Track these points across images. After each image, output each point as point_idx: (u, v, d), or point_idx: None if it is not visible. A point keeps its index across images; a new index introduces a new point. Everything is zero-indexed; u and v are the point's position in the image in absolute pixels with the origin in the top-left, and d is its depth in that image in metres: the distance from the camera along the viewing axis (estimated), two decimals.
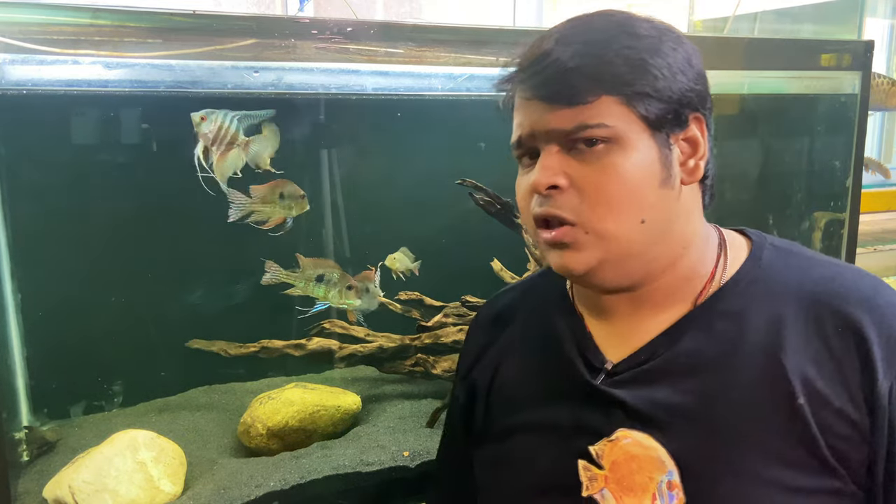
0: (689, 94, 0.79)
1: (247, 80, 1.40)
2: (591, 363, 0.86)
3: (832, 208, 1.88)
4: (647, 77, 0.76)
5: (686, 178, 0.81)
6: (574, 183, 0.78)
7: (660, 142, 0.78)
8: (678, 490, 0.77)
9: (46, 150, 1.44)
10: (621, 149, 0.77)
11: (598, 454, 0.82)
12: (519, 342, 0.96)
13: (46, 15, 1.14)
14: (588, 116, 0.76)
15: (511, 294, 1.05)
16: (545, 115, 0.78)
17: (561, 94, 0.77)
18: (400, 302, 1.64)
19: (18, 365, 1.47)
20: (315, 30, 1.28)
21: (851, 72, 1.76)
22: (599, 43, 0.77)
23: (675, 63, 0.78)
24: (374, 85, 1.53)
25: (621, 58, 0.76)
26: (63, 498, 1.15)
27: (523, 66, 0.81)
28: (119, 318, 1.53)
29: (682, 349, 0.81)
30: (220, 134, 1.26)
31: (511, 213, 1.57)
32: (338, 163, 1.66)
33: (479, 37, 1.44)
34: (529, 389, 0.91)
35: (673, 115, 0.79)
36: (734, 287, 0.83)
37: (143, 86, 1.38)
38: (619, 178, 0.77)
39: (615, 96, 0.76)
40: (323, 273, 1.37)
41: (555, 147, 0.79)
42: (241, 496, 1.22)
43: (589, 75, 0.76)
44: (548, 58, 0.78)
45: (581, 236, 0.79)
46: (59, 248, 1.48)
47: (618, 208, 0.77)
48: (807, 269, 0.83)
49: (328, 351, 1.58)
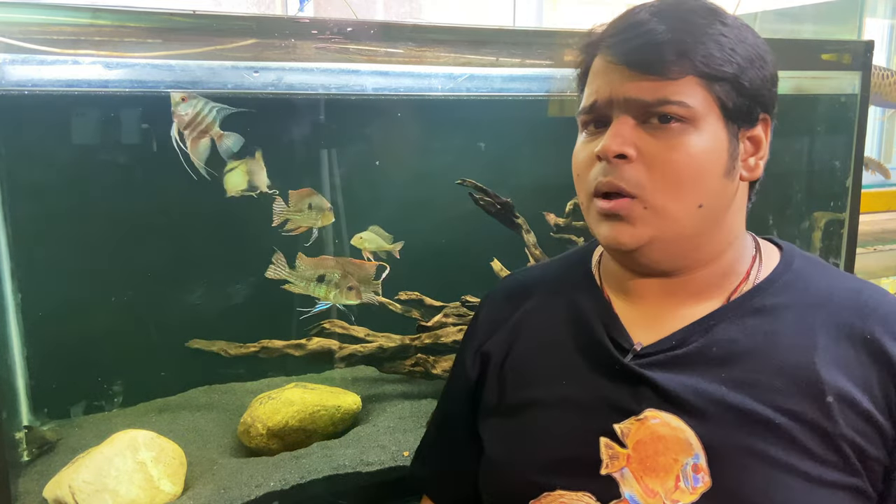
0: (765, 92, 0.81)
1: (247, 80, 1.40)
2: (619, 343, 0.86)
3: (832, 208, 1.88)
4: (733, 66, 0.78)
5: (746, 174, 0.84)
6: (642, 156, 0.79)
7: (730, 132, 0.80)
8: (704, 473, 0.77)
9: (46, 150, 1.44)
10: (695, 130, 0.78)
11: (623, 432, 0.82)
12: (538, 318, 0.96)
13: (46, 15, 1.14)
14: (671, 92, 0.77)
15: (529, 273, 1.06)
16: (627, 83, 0.79)
17: (649, 63, 0.77)
18: (400, 302, 1.64)
19: (18, 365, 1.47)
20: (315, 30, 1.28)
21: (851, 72, 1.76)
22: (695, 24, 0.78)
23: (757, 59, 0.80)
24: (374, 85, 1.53)
25: (714, 42, 0.77)
26: (63, 498, 1.15)
27: (612, 33, 0.81)
28: (119, 318, 1.53)
29: (715, 338, 0.83)
30: (196, 119, 1.26)
31: (511, 213, 1.57)
32: (337, 163, 1.66)
33: (479, 37, 1.45)
34: (550, 364, 0.91)
35: (746, 110, 0.80)
36: (768, 286, 0.85)
37: (143, 86, 1.38)
38: (688, 159, 0.78)
39: (700, 78, 0.77)
40: (324, 273, 1.37)
41: (629, 118, 0.79)
42: (241, 496, 1.22)
43: (680, 51, 0.76)
44: (642, 26, 0.78)
45: (639, 211, 0.79)
46: (59, 247, 1.48)
47: (681, 188, 0.78)
48: (835, 280, 0.87)
49: (328, 351, 1.58)
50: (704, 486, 0.77)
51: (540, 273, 1.03)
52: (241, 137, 1.32)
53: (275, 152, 1.45)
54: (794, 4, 2.66)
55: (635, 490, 0.80)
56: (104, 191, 1.50)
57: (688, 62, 0.76)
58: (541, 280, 1.01)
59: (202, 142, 1.27)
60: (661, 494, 0.79)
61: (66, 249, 1.48)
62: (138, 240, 1.52)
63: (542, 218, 1.72)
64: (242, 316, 1.62)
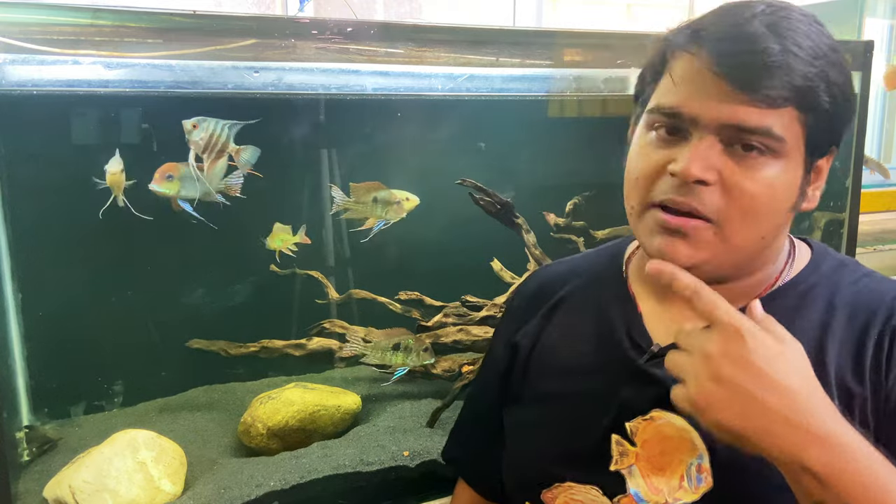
0: (843, 129, 0.78)
1: (247, 80, 1.40)
2: (638, 343, 0.87)
3: (832, 208, 1.88)
4: (831, 105, 0.74)
5: (806, 204, 0.81)
6: (722, 181, 0.74)
7: (806, 167, 0.77)
8: (706, 474, 0.78)
9: (46, 150, 1.44)
10: (779, 165, 0.75)
11: (632, 431, 0.83)
12: (566, 312, 0.97)
13: (46, 15, 1.14)
14: (772, 123, 0.72)
15: (561, 267, 1.05)
16: (726, 101, 0.72)
17: (757, 87, 0.71)
18: (400, 302, 1.64)
19: (18, 365, 1.47)
20: (315, 30, 1.28)
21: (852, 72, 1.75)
22: (808, 49, 0.73)
23: (850, 97, 0.76)
24: (374, 85, 1.53)
25: (823, 78, 0.73)
26: (63, 498, 1.15)
27: (720, 35, 0.74)
28: (119, 318, 1.53)
29: None
30: (212, 142, 1.26)
31: (511, 213, 1.57)
32: (337, 163, 1.66)
33: (479, 37, 1.44)
34: (571, 359, 0.92)
35: (826, 144, 0.78)
36: (791, 290, 0.85)
37: (143, 86, 1.38)
38: (767, 193, 0.75)
39: (798, 111, 0.73)
40: (398, 341, 1.43)
41: (715, 140, 0.74)
42: (241, 496, 1.22)
43: (791, 80, 0.71)
44: (757, 42, 0.72)
45: (708, 235, 0.76)
46: (59, 247, 1.48)
47: (751, 220, 0.76)
48: (862, 282, 0.85)
49: (328, 351, 1.58)
50: (706, 487, 0.78)
51: (571, 267, 1.03)
52: (256, 149, 1.31)
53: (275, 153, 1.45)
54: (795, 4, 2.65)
55: (641, 487, 0.81)
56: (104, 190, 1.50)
57: (794, 93, 0.72)
58: (571, 274, 1.01)
59: (219, 162, 1.27)
60: (665, 492, 0.80)
61: (66, 249, 1.48)
62: (138, 240, 1.52)
63: (542, 218, 1.72)
64: (242, 316, 1.62)
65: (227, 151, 1.26)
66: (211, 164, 1.26)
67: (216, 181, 1.29)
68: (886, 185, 2.53)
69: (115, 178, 1.28)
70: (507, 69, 1.58)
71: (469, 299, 1.57)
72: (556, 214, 1.73)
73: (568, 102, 1.73)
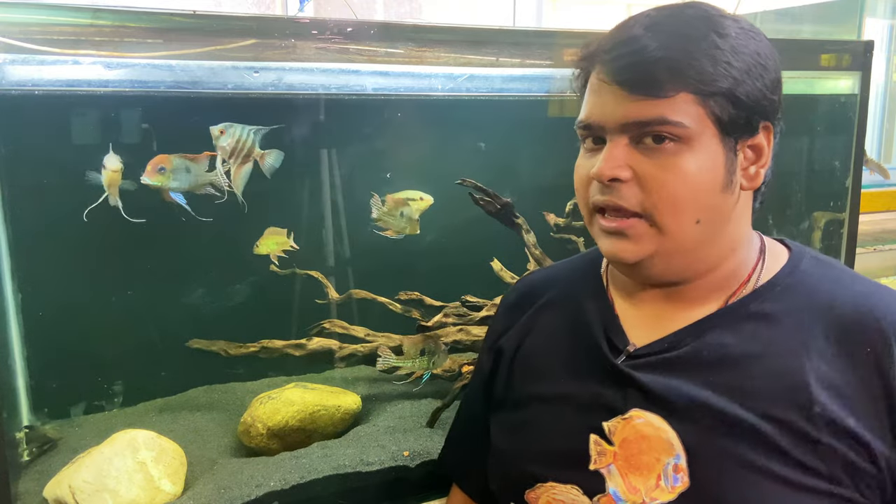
0: (764, 102, 0.80)
1: (247, 81, 1.40)
2: (615, 344, 0.88)
3: (832, 208, 1.88)
4: (728, 80, 0.76)
5: (746, 183, 0.83)
6: (637, 176, 0.79)
7: (727, 146, 0.79)
8: (683, 473, 0.79)
9: (46, 150, 1.44)
10: (689, 150, 0.77)
11: (610, 430, 0.84)
12: (547, 317, 0.99)
13: (46, 15, 1.14)
14: (664, 111, 0.76)
15: (545, 272, 1.08)
16: (621, 104, 0.78)
17: (642, 83, 0.76)
18: (400, 302, 1.64)
19: (18, 365, 1.47)
20: (315, 30, 1.28)
21: (851, 72, 1.76)
22: (689, 38, 0.77)
23: (755, 68, 0.78)
24: (374, 85, 1.53)
25: (708, 57, 0.76)
26: (63, 498, 1.15)
27: (606, 48, 0.80)
28: (119, 319, 1.53)
29: (707, 343, 0.83)
30: (238, 147, 1.28)
31: (511, 213, 1.56)
32: (338, 163, 1.66)
33: (479, 37, 1.45)
34: (552, 362, 0.94)
35: (744, 122, 0.79)
36: (769, 291, 0.84)
37: (143, 86, 1.38)
38: (682, 180, 0.78)
39: (693, 94, 0.76)
40: (423, 347, 1.47)
41: (623, 139, 0.79)
42: (241, 496, 1.22)
43: (673, 69, 0.75)
44: (634, 44, 0.77)
45: (643, 228, 0.80)
46: (59, 247, 1.48)
47: (677, 207, 0.79)
48: (844, 284, 0.84)
49: (328, 351, 1.58)
50: (683, 486, 0.78)
51: (553, 273, 1.06)
52: (280, 152, 1.33)
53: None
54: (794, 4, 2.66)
55: (619, 486, 0.82)
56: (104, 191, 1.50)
57: (680, 80, 0.75)
58: (553, 280, 1.03)
59: (245, 167, 1.29)
60: (642, 491, 0.81)
61: (66, 249, 1.48)
62: (138, 239, 1.52)
63: (542, 218, 1.72)
64: (242, 316, 1.62)
65: (252, 156, 1.28)
66: (237, 168, 1.27)
67: (242, 185, 1.31)
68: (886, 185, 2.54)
69: (112, 177, 1.27)
70: (507, 69, 1.58)
71: (469, 299, 1.57)
72: (556, 214, 1.73)
73: (568, 102, 1.73)
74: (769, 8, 2.61)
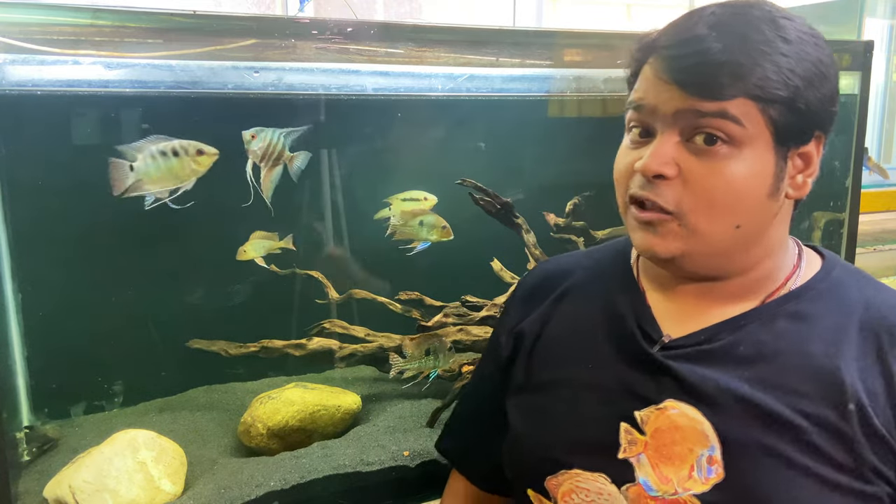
0: (822, 112, 0.79)
1: (247, 80, 1.40)
2: (648, 334, 0.87)
3: (832, 208, 1.88)
4: (790, 88, 0.75)
5: (792, 192, 0.82)
6: (683, 175, 0.78)
7: (779, 154, 0.78)
8: (717, 465, 0.78)
9: (46, 150, 1.44)
10: (740, 154, 0.76)
11: (643, 420, 0.83)
12: (572, 303, 0.97)
13: (46, 15, 1.14)
14: (728, 108, 0.74)
15: (565, 259, 1.06)
16: (677, 99, 0.76)
17: (702, 86, 0.75)
18: (400, 302, 1.64)
19: (18, 365, 1.47)
20: (315, 30, 1.28)
21: (851, 72, 1.76)
22: (754, 42, 0.75)
23: (817, 77, 0.77)
24: (374, 85, 1.53)
25: (772, 63, 0.74)
26: (63, 498, 1.15)
27: (667, 44, 0.78)
28: (119, 318, 1.53)
29: (743, 337, 0.83)
30: (269, 151, 1.29)
31: (511, 213, 1.57)
32: (338, 163, 1.66)
33: (479, 37, 1.45)
34: (579, 348, 0.93)
35: (800, 131, 0.78)
36: (805, 293, 0.85)
37: (143, 86, 1.38)
38: (729, 186, 0.76)
39: (753, 101, 0.74)
40: (428, 347, 1.46)
41: (675, 135, 0.78)
42: (241, 496, 1.22)
43: (736, 74, 0.74)
44: (698, 44, 0.75)
45: (673, 227, 0.79)
46: (59, 247, 1.48)
47: (716, 211, 0.78)
48: (874, 292, 0.85)
49: (328, 351, 1.58)
50: (717, 478, 0.78)
51: (575, 260, 1.04)
52: (307, 153, 1.33)
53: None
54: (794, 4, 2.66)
55: (650, 476, 0.82)
56: (104, 191, 1.50)
57: (741, 85, 0.74)
58: (576, 266, 1.02)
59: (275, 170, 1.30)
60: (675, 482, 0.80)
61: (66, 249, 1.48)
62: (138, 240, 1.52)
63: (542, 218, 1.72)
64: (242, 316, 1.62)
65: (283, 160, 1.29)
66: (268, 172, 1.29)
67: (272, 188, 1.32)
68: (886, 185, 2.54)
69: (205, 163, 1.25)
70: (507, 69, 1.58)
71: (469, 299, 1.57)
72: (556, 214, 1.73)
73: (568, 102, 1.73)
74: None
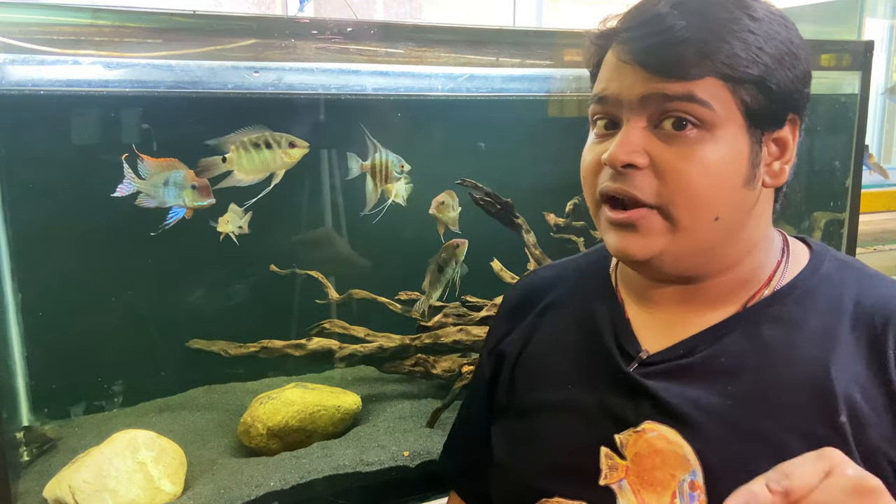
0: (795, 94, 0.74)
1: (247, 80, 1.40)
2: (626, 350, 0.83)
3: (832, 208, 1.88)
4: (760, 66, 0.70)
5: (769, 180, 0.77)
6: (654, 164, 0.73)
7: (753, 138, 0.74)
8: (700, 492, 0.74)
9: (46, 150, 1.44)
10: (712, 138, 0.71)
11: (622, 443, 0.79)
12: (552, 320, 0.93)
13: (46, 15, 1.14)
14: (695, 88, 0.70)
15: (548, 272, 1.01)
16: (641, 83, 0.72)
17: (667, 65, 0.70)
18: (400, 302, 1.64)
19: (18, 365, 1.47)
20: (315, 30, 1.28)
21: (851, 72, 1.76)
22: (719, 18, 0.71)
23: (788, 56, 0.72)
24: (374, 85, 1.53)
25: (739, 40, 0.70)
26: (63, 498, 1.15)
27: (628, 26, 0.74)
28: (119, 319, 1.53)
29: (724, 349, 0.78)
30: (381, 168, 1.45)
31: (511, 213, 1.57)
32: (337, 163, 1.66)
33: (479, 37, 1.45)
34: (559, 368, 0.88)
35: (773, 113, 0.74)
36: (789, 294, 0.80)
37: (143, 86, 1.38)
38: (704, 171, 0.72)
39: (722, 80, 0.70)
40: (437, 263, 1.37)
41: (642, 121, 0.73)
42: (241, 496, 1.22)
43: (702, 51, 0.69)
44: (660, 22, 0.71)
45: (656, 221, 0.74)
46: (59, 248, 1.48)
47: (696, 202, 0.73)
48: (867, 286, 0.79)
49: (328, 351, 1.58)
50: None
51: (558, 272, 1.00)
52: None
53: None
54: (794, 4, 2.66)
55: (631, 503, 0.77)
56: (104, 191, 1.50)
57: (709, 63, 0.69)
58: (558, 279, 0.97)
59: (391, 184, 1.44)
60: None
61: (66, 249, 1.48)
62: (138, 240, 1.52)
63: (542, 218, 1.72)
64: (242, 316, 1.62)
65: (391, 179, 1.45)
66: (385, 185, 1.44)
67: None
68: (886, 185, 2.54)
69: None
70: (507, 69, 1.58)
71: (469, 299, 1.57)
72: (556, 214, 1.73)
73: (568, 102, 1.73)
74: None
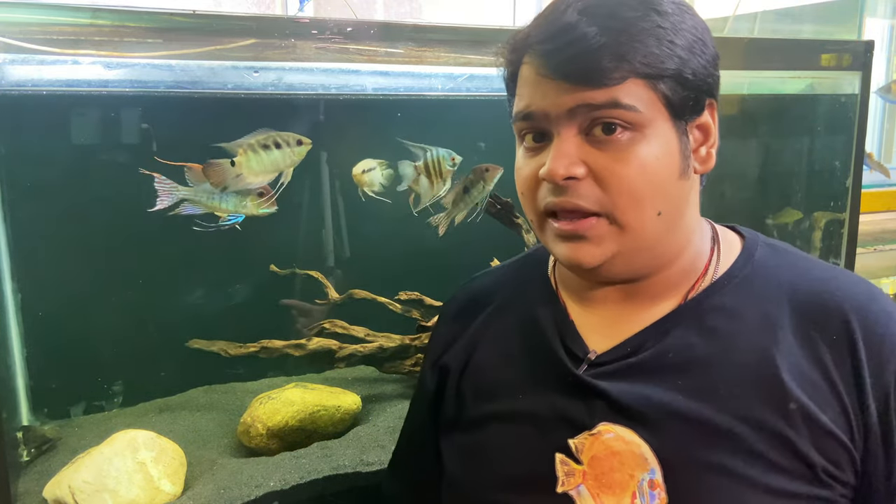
0: (708, 78, 0.75)
1: (247, 80, 1.40)
2: (574, 352, 0.82)
3: (832, 208, 1.88)
4: (675, 60, 0.71)
5: (699, 167, 0.78)
6: (593, 172, 0.73)
7: (679, 129, 0.75)
8: (660, 489, 0.74)
9: (46, 150, 1.44)
10: (643, 138, 0.72)
11: (577, 448, 0.78)
12: (495, 328, 0.92)
13: (46, 15, 1.14)
14: (618, 94, 0.70)
15: (486, 279, 1.00)
16: (565, 95, 0.72)
17: (587, 74, 0.70)
18: (400, 302, 1.64)
19: (18, 365, 1.47)
20: (315, 30, 1.28)
21: (851, 72, 1.76)
22: (628, 19, 0.71)
23: (697, 44, 0.73)
24: (374, 85, 1.53)
25: (652, 37, 0.71)
26: (63, 498, 1.15)
27: (541, 39, 0.74)
28: (119, 319, 1.53)
29: (671, 344, 0.78)
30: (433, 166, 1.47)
31: (511, 213, 1.57)
32: (338, 163, 1.66)
33: (479, 37, 1.44)
34: (506, 377, 0.87)
35: (693, 101, 0.75)
36: (727, 283, 0.80)
37: (143, 86, 1.38)
38: (641, 170, 0.72)
39: (642, 79, 0.71)
40: (465, 185, 1.44)
41: (572, 130, 0.73)
42: (241, 496, 1.22)
43: (618, 54, 0.70)
44: (571, 32, 0.71)
45: (604, 229, 0.74)
46: (59, 247, 1.48)
47: (638, 202, 0.73)
48: (802, 270, 0.80)
49: (328, 351, 1.58)
50: (661, 503, 0.73)
51: (496, 280, 0.99)
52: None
53: None
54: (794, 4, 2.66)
55: None
56: (104, 191, 1.50)
57: (627, 65, 0.70)
58: (497, 287, 0.96)
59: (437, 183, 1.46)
60: None
61: (65, 249, 1.48)
62: (138, 240, 1.52)
63: None
64: (242, 316, 1.62)
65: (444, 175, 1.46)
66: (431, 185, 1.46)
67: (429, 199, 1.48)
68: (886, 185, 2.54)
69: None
70: None
71: None
72: None
73: None
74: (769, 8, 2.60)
